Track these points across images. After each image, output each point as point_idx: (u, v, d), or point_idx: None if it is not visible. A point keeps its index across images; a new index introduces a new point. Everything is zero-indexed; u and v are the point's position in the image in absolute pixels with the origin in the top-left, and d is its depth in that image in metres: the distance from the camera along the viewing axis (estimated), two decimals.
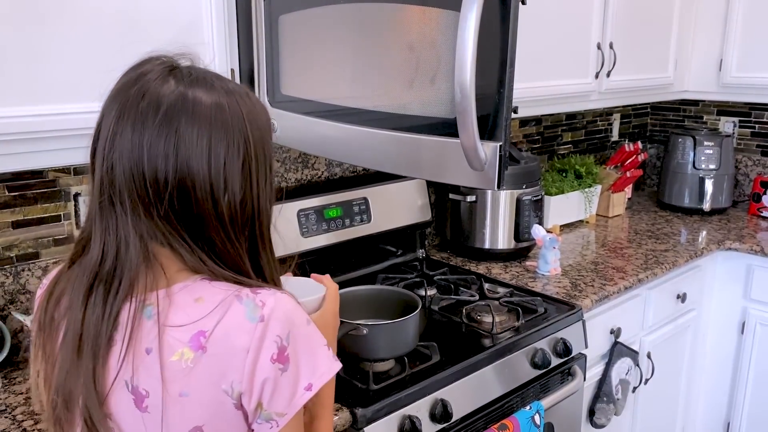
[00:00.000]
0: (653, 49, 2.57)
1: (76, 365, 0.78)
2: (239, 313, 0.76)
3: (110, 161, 0.76)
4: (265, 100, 1.38)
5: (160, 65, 0.81)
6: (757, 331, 2.45)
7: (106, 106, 0.79)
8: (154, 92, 0.77)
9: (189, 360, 0.75)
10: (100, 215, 0.79)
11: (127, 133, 0.76)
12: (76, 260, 0.82)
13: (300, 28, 1.30)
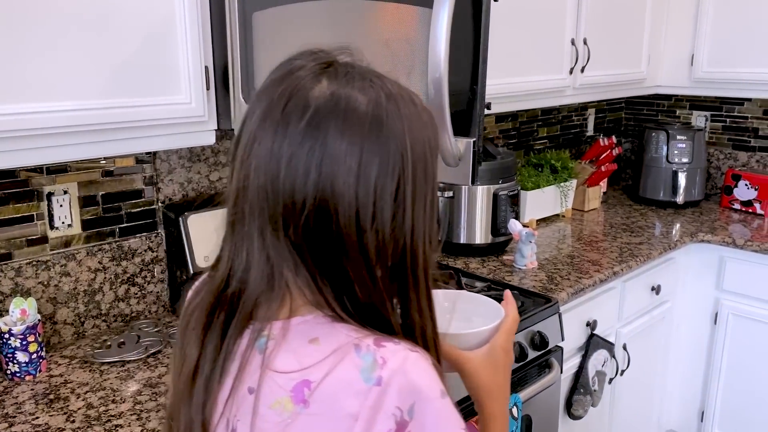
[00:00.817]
0: (627, 45, 2.60)
1: (188, 397, 0.69)
2: (353, 369, 0.61)
3: (246, 171, 0.65)
4: (240, 97, 1.37)
5: (314, 60, 0.68)
6: (730, 321, 2.50)
7: (252, 106, 0.68)
8: (303, 93, 0.64)
9: (288, 413, 0.62)
10: (231, 230, 0.68)
11: (267, 141, 0.64)
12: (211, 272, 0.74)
13: (274, 24, 1.29)
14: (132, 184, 1.66)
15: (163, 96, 1.34)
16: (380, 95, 0.65)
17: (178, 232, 1.65)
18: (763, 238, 2.42)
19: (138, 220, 1.68)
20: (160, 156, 1.70)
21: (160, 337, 1.58)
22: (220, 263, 0.70)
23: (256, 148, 0.64)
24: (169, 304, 1.77)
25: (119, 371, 1.44)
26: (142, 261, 1.70)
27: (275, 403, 0.63)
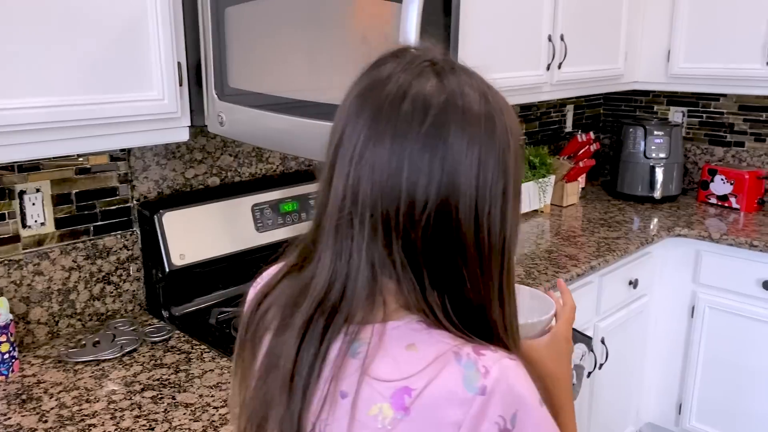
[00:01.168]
0: (603, 41, 2.62)
1: (283, 404, 0.67)
2: (455, 378, 0.61)
3: (357, 174, 0.63)
4: (213, 94, 1.37)
5: (414, 58, 0.67)
6: (706, 315, 2.53)
7: (351, 107, 0.66)
8: (418, 92, 0.63)
9: (387, 420, 0.62)
10: (334, 235, 0.66)
11: (384, 143, 0.62)
12: (291, 273, 0.73)
13: (248, 20, 1.29)
14: (106, 181, 1.65)
15: (136, 92, 1.33)
16: (484, 90, 0.66)
17: (153, 230, 1.64)
18: (738, 231, 2.45)
19: (113, 218, 1.67)
20: (135, 153, 1.68)
21: (135, 336, 1.57)
22: (316, 268, 0.68)
23: (371, 150, 0.63)
24: (146, 302, 1.75)
25: (94, 370, 1.43)
26: (117, 259, 1.68)
27: (374, 408, 0.62)
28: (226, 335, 1.60)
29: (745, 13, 2.54)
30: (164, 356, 1.50)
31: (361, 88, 0.67)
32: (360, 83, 0.67)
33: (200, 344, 1.56)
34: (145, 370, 1.44)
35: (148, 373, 1.42)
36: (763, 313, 2.39)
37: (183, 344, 1.56)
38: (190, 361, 1.48)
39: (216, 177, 1.87)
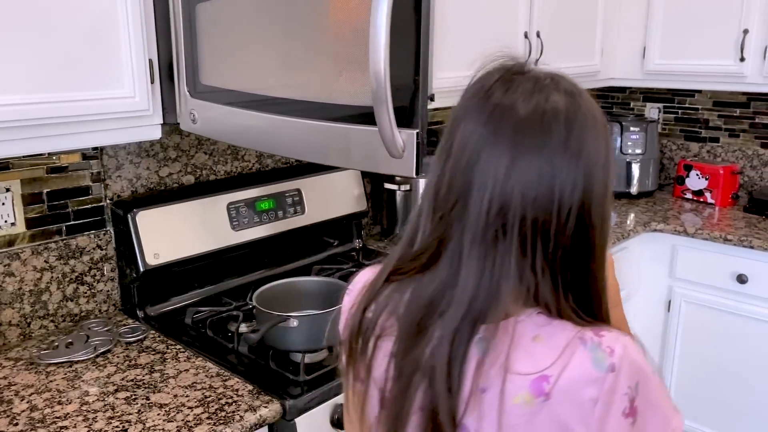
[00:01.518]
0: (580, 38, 2.63)
1: (435, 405, 0.70)
2: (585, 361, 0.68)
3: (505, 190, 0.68)
4: (185, 91, 1.35)
5: (528, 78, 0.74)
6: (682, 309, 2.56)
7: (482, 132, 0.71)
8: (551, 108, 0.70)
9: (532, 406, 0.68)
10: (479, 246, 0.70)
11: (532, 158, 0.68)
12: (398, 280, 0.76)
13: (219, 17, 1.28)
14: (79, 180, 1.62)
15: (107, 90, 1.31)
16: (588, 95, 0.74)
17: (127, 230, 1.62)
18: (713, 226, 2.48)
19: (86, 217, 1.65)
20: (107, 152, 1.66)
21: (110, 336, 1.55)
22: (456, 275, 0.71)
23: (519, 168, 0.68)
24: (120, 302, 1.73)
25: (66, 372, 1.41)
26: (90, 259, 1.66)
27: (517, 398, 0.69)
28: (202, 335, 1.59)
29: (719, 10, 2.57)
30: (139, 356, 1.48)
31: (488, 113, 0.71)
32: (475, 97, 0.74)
33: (175, 344, 1.55)
34: (119, 370, 1.42)
35: (122, 374, 1.40)
36: (737, 307, 2.42)
37: (158, 344, 1.55)
38: (165, 361, 1.47)
39: (191, 175, 1.85)
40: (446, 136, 0.76)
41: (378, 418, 0.77)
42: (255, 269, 1.92)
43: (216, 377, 1.39)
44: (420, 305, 0.73)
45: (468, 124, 0.72)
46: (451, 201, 0.72)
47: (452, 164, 0.73)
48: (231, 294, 1.81)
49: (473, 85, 0.77)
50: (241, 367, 1.44)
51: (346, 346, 0.80)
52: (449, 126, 0.75)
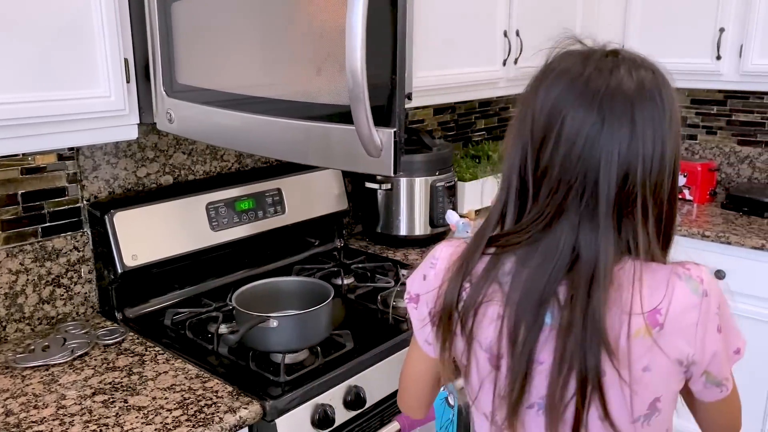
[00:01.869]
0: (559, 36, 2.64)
1: (583, 353, 0.79)
2: (685, 291, 0.81)
3: (626, 161, 0.79)
4: (162, 91, 1.34)
5: (603, 54, 0.84)
6: None
7: (583, 111, 0.79)
8: (645, 81, 0.81)
9: (649, 337, 0.80)
10: (606, 214, 0.80)
11: (645, 129, 0.79)
12: (509, 248, 0.84)
13: (195, 15, 1.27)
14: (54, 181, 1.60)
15: (82, 89, 1.29)
16: (658, 68, 0.86)
17: (105, 231, 1.60)
18: (692, 222, 2.51)
19: (62, 219, 1.63)
20: (84, 152, 1.64)
21: (87, 339, 1.53)
22: (559, 244, 0.81)
23: (603, 139, 0.79)
24: (98, 304, 1.71)
25: (43, 376, 1.39)
26: (67, 261, 1.64)
27: (637, 333, 0.80)
28: (182, 336, 1.58)
29: (696, 9, 2.60)
30: (117, 359, 1.47)
31: (597, 99, 0.79)
32: (584, 95, 0.80)
33: (154, 346, 1.53)
34: (97, 373, 1.40)
35: (100, 377, 1.39)
36: None
37: (137, 346, 1.53)
38: (144, 363, 1.45)
39: (169, 176, 1.83)
40: (546, 125, 0.82)
41: (493, 377, 0.86)
42: (235, 270, 1.91)
43: (195, 379, 1.38)
44: (544, 270, 0.81)
45: (576, 113, 0.80)
46: (570, 180, 0.80)
47: (565, 150, 0.80)
48: (211, 295, 1.79)
49: (562, 75, 0.83)
50: (221, 369, 1.43)
51: (439, 318, 0.88)
52: (548, 115, 0.82)
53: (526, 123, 0.84)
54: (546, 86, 0.84)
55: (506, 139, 0.89)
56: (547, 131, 0.81)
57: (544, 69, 0.87)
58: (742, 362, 0.89)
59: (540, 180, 0.83)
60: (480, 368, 0.88)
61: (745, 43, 2.48)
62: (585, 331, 0.78)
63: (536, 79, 0.87)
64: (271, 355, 1.46)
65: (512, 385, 0.83)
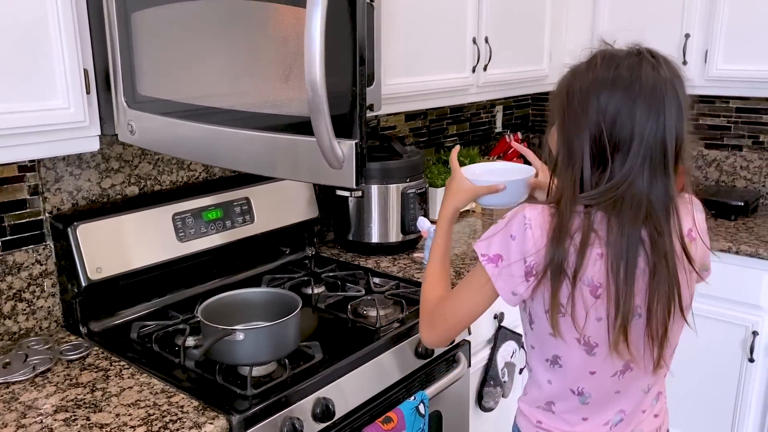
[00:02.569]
0: (528, 43, 2.67)
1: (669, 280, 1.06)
2: (699, 213, 1.18)
3: (667, 132, 1.03)
4: (123, 102, 1.32)
5: (633, 55, 1.07)
6: None
7: (628, 107, 1.03)
8: (668, 75, 1.06)
9: (691, 244, 1.12)
10: (659, 170, 1.03)
11: (672, 111, 1.03)
12: (597, 205, 1.04)
13: (157, 25, 1.25)
14: (15, 194, 1.57)
15: (40, 101, 1.27)
16: (671, 62, 1.10)
17: (68, 244, 1.57)
18: None
19: (23, 232, 1.59)
20: (45, 164, 1.61)
21: (50, 355, 1.50)
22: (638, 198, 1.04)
23: (668, 120, 1.03)
24: (63, 319, 1.68)
25: (3, 393, 1.36)
26: (29, 275, 1.60)
27: (692, 245, 1.13)
28: (148, 350, 1.55)
29: (661, 15, 2.63)
30: (80, 375, 1.44)
31: (615, 86, 1.04)
32: (609, 82, 1.04)
33: (119, 361, 1.50)
34: (59, 390, 1.37)
35: (62, 394, 1.36)
36: None
37: (101, 361, 1.50)
38: (108, 378, 1.42)
39: (135, 186, 1.81)
40: (614, 119, 1.04)
41: (595, 307, 1.06)
42: (204, 280, 1.88)
43: (161, 394, 1.36)
44: (635, 215, 1.03)
45: (639, 111, 1.03)
46: (644, 152, 1.03)
47: (639, 133, 1.04)
48: (178, 307, 1.77)
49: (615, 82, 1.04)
50: (188, 383, 1.41)
51: (551, 273, 1.04)
52: (614, 115, 1.04)
53: (591, 115, 1.05)
54: (606, 93, 1.04)
55: (566, 126, 1.08)
56: (617, 121, 1.04)
57: (596, 77, 1.06)
58: (708, 361, 0.93)
59: (613, 154, 1.04)
60: (585, 301, 1.06)
61: (710, 48, 2.52)
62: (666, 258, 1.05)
63: (593, 84, 1.06)
64: (239, 368, 1.44)
65: (619, 302, 1.04)
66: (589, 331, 1.08)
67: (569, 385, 1.16)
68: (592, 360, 1.12)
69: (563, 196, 1.06)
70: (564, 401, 1.18)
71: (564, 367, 1.15)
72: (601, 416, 1.18)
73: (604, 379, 1.14)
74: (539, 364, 1.19)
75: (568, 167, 1.07)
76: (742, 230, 2.47)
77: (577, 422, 1.19)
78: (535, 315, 1.13)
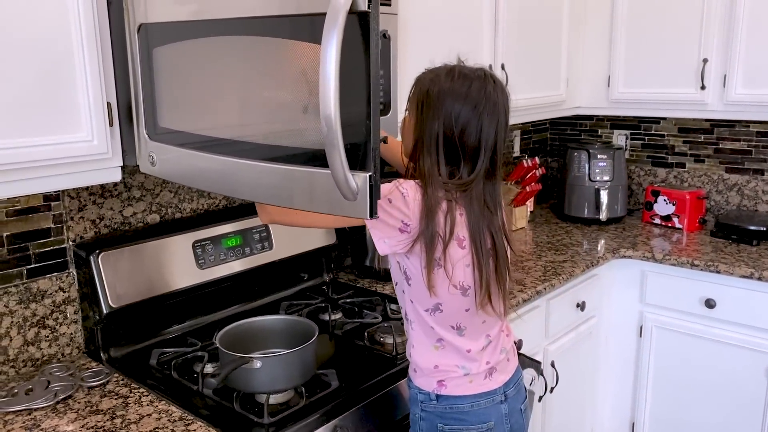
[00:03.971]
0: (545, 69, 2.68)
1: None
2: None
3: (497, 144, 1.31)
4: (144, 134, 1.35)
5: (477, 73, 1.31)
6: (654, 334, 2.58)
7: (477, 112, 1.27)
8: (498, 95, 1.31)
9: None
10: (488, 169, 1.31)
11: (501, 125, 1.30)
12: (460, 194, 1.30)
13: (177, 60, 1.28)
14: (40, 222, 1.61)
15: (64, 134, 1.30)
16: (498, 81, 1.34)
17: (90, 271, 1.60)
18: (681, 251, 2.51)
19: (48, 259, 1.63)
20: (69, 193, 1.65)
21: (71, 382, 1.52)
22: (477, 192, 1.31)
23: (499, 128, 1.30)
24: (84, 345, 1.70)
25: (25, 420, 1.38)
26: (53, 302, 1.64)
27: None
28: (167, 377, 1.57)
29: (679, 39, 2.63)
30: (101, 402, 1.46)
31: (467, 100, 1.28)
32: (462, 95, 1.28)
33: (139, 387, 1.52)
34: (80, 417, 1.39)
35: (83, 421, 1.38)
36: (706, 331, 2.44)
37: (121, 388, 1.52)
38: (128, 405, 1.44)
39: (156, 214, 1.84)
40: (465, 122, 1.28)
41: (462, 257, 1.31)
42: (223, 307, 1.90)
43: (179, 422, 1.37)
44: (481, 212, 1.30)
45: (464, 109, 1.28)
46: (487, 150, 1.30)
47: (485, 134, 1.29)
48: (198, 333, 1.79)
49: (464, 96, 1.28)
50: (206, 411, 1.42)
51: (428, 240, 1.27)
52: (464, 117, 1.28)
53: (445, 117, 1.28)
54: (459, 104, 1.27)
55: (423, 119, 1.31)
56: (466, 130, 1.28)
57: (452, 87, 1.29)
58: (731, 389, 0.89)
59: (465, 156, 1.29)
60: (455, 253, 1.30)
61: (728, 73, 2.52)
62: (502, 238, 1.35)
63: (449, 92, 1.29)
64: (256, 396, 1.45)
65: (482, 271, 1.31)
66: (460, 277, 1.31)
67: (450, 322, 1.36)
68: (466, 300, 1.34)
69: (428, 177, 1.28)
70: (447, 334, 1.37)
71: (444, 312, 1.35)
72: (476, 343, 1.39)
73: (474, 313, 1.36)
74: (421, 314, 1.37)
75: (428, 155, 1.29)
76: (765, 256, 2.44)
77: (463, 353, 1.38)
78: (412, 273, 1.33)
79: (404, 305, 1.42)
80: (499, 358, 1.43)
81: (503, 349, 1.45)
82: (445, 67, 1.34)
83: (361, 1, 0.96)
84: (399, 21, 1.90)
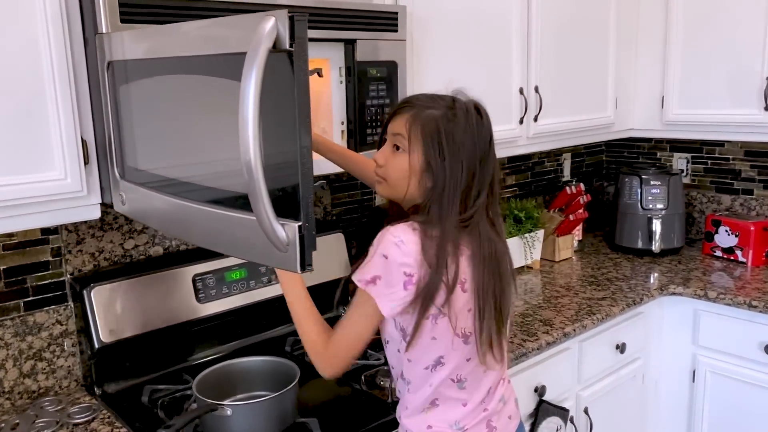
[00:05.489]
0: (587, 90, 2.51)
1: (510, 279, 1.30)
2: None
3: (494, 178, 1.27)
4: (116, 173, 1.33)
5: (449, 100, 1.24)
6: (708, 379, 2.34)
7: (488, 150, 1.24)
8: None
9: None
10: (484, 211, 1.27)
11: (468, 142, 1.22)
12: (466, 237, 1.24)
13: (137, 98, 1.24)
14: (38, 256, 1.62)
15: (37, 173, 1.29)
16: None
17: (84, 305, 1.60)
18: (739, 290, 2.27)
19: (46, 292, 1.64)
20: (67, 227, 1.65)
21: (57, 417, 1.51)
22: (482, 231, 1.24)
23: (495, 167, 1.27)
24: (82, 378, 1.70)
25: None
26: (50, 335, 1.64)
27: None
28: (153, 416, 1.53)
29: (738, 58, 2.40)
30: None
31: (481, 137, 1.23)
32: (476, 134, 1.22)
33: (121, 428, 1.49)
34: None
35: None
36: (766, 379, 2.19)
37: (104, 427, 1.50)
38: None
39: (159, 246, 1.83)
40: (482, 160, 1.24)
41: (465, 300, 1.22)
42: (223, 342, 1.86)
43: None
44: (484, 244, 1.23)
45: (482, 148, 1.24)
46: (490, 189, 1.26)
47: (490, 173, 1.25)
48: (195, 370, 1.73)
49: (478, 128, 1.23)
50: None
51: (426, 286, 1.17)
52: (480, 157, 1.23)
53: (465, 157, 1.20)
54: (472, 138, 1.21)
55: (438, 157, 1.19)
56: (484, 162, 1.23)
57: (468, 125, 1.21)
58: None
59: (476, 188, 1.22)
60: (458, 298, 1.20)
61: None
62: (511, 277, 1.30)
63: (462, 130, 1.21)
64: None
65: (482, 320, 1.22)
66: (462, 322, 1.22)
67: (450, 375, 1.26)
68: (468, 348, 1.25)
69: (445, 221, 1.18)
70: (447, 390, 1.28)
71: (446, 364, 1.25)
72: (476, 395, 1.29)
73: (475, 362, 1.27)
74: (420, 374, 1.27)
75: (450, 200, 1.19)
76: None
77: (459, 408, 1.29)
78: (411, 330, 1.21)
79: (399, 366, 1.31)
80: (497, 407, 1.34)
81: (502, 397, 1.36)
82: (444, 99, 1.24)
83: (284, 40, 0.88)
84: (409, 47, 1.81)
